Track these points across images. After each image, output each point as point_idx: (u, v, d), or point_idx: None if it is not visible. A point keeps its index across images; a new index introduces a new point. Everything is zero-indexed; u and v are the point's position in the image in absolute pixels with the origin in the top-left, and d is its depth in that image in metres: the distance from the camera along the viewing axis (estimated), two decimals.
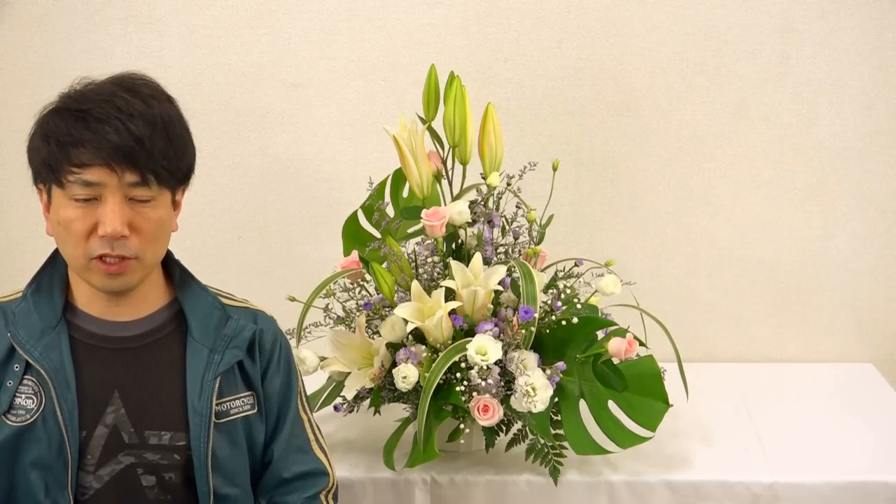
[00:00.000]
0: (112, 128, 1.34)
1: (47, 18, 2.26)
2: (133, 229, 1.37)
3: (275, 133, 2.31)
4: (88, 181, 1.35)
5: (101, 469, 1.42)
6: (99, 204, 1.36)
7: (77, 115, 1.35)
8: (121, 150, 1.34)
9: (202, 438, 1.44)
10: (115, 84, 1.40)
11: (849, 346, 2.36)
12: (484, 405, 1.67)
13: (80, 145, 1.34)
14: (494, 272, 1.73)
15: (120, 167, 1.34)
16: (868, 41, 2.20)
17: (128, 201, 1.37)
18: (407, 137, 1.81)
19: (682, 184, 2.30)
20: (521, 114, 2.26)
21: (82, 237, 1.37)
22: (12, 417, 1.39)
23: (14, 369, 1.41)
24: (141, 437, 1.43)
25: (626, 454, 1.78)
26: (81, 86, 1.41)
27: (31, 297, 1.45)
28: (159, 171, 1.37)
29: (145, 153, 1.35)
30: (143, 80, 1.42)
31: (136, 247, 1.38)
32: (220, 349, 1.48)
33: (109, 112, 1.35)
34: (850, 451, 1.88)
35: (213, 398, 1.45)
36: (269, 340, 1.54)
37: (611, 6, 2.21)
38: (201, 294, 1.51)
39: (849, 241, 2.31)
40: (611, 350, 1.71)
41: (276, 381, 1.54)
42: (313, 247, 2.34)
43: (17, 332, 1.42)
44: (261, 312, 1.57)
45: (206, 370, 1.46)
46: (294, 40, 2.26)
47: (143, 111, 1.36)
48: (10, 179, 2.32)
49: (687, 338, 2.05)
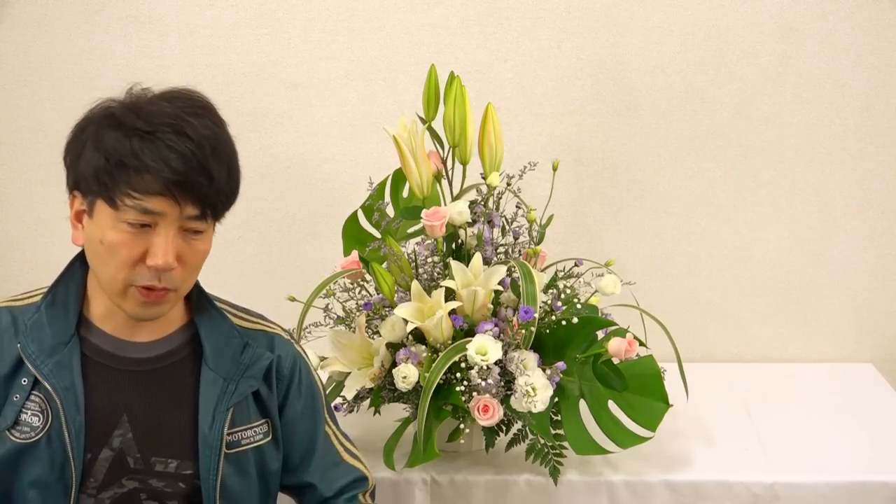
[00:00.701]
0: (181, 158, 1.28)
1: (47, 18, 2.26)
2: (179, 261, 1.33)
3: (275, 133, 2.31)
4: (148, 209, 1.28)
5: (104, 493, 1.38)
6: (151, 231, 1.30)
7: (141, 134, 1.28)
8: (188, 182, 1.28)
9: (212, 469, 1.40)
10: (177, 104, 1.32)
11: (849, 346, 2.36)
12: (484, 405, 1.67)
13: (145, 171, 1.27)
14: (494, 272, 1.73)
15: (183, 199, 1.29)
16: (868, 41, 2.20)
17: (180, 232, 1.32)
18: (407, 137, 1.81)
19: (682, 184, 2.30)
20: (521, 114, 2.26)
21: (128, 264, 1.31)
22: (16, 433, 1.35)
23: (21, 383, 1.35)
24: (146, 463, 1.39)
25: (626, 454, 1.78)
26: (137, 96, 1.34)
27: (46, 310, 1.38)
28: (218, 205, 1.34)
29: (212, 187, 1.30)
30: (201, 100, 1.36)
31: (178, 278, 1.33)
32: (236, 378, 1.43)
33: (178, 141, 1.28)
34: (850, 451, 1.88)
35: (224, 429, 1.41)
36: (288, 366, 1.50)
37: (611, 6, 2.21)
38: (219, 319, 1.46)
39: (849, 241, 2.31)
40: (611, 350, 1.71)
41: (297, 406, 1.51)
42: (313, 247, 2.34)
43: (28, 345, 1.36)
44: (277, 336, 1.52)
45: (219, 401, 1.41)
46: (294, 40, 2.26)
47: (211, 142, 1.31)
48: (10, 179, 2.32)
49: (687, 338, 2.05)
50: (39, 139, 2.30)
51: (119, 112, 1.31)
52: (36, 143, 2.30)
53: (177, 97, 1.34)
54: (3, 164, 2.32)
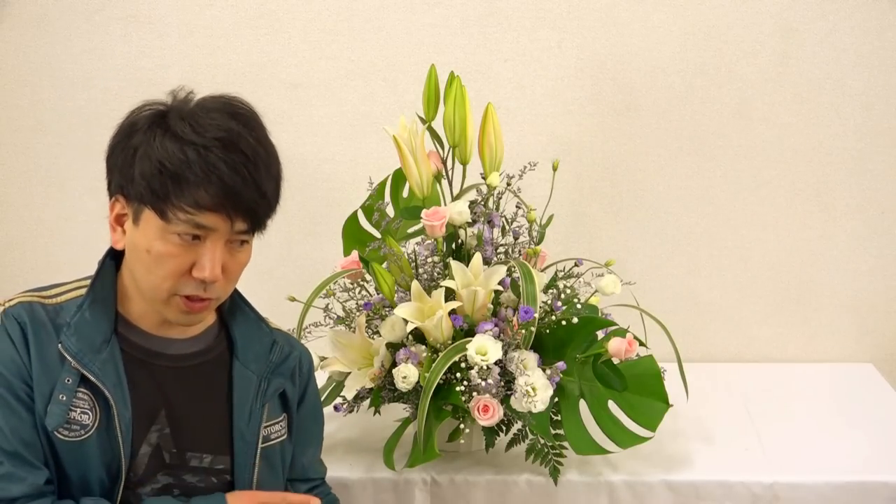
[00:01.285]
0: (239, 176, 1.28)
1: (47, 18, 2.26)
2: (224, 272, 1.33)
3: (275, 133, 2.25)
4: (200, 224, 1.29)
5: (141, 488, 1.38)
6: (200, 244, 1.31)
7: (194, 147, 1.27)
8: (243, 201, 1.29)
9: (248, 465, 1.42)
10: (228, 113, 1.32)
11: (849, 346, 2.36)
12: (484, 405, 1.67)
13: (200, 187, 1.27)
14: (494, 272, 1.73)
15: (235, 215, 1.30)
16: (868, 41, 2.21)
17: (227, 244, 1.33)
18: (407, 137, 1.81)
19: (682, 184, 2.30)
20: (521, 114, 2.26)
21: (175, 275, 1.31)
22: (65, 432, 1.33)
23: (66, 382, 1.33)
24: (182, 459, 1.40)
25: (626, 454, 1.77)
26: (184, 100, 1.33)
27: (88, 308, 1.36)
28: (265, 218, 1.35)
29: (263, 203, 1.32)
30: (250, 111, 1.36)
31: (221, 289, 1.35)
32: (267, 375, 1.46)
33: (235, 158, 1.28)
34: (850, 451, 1.88)
35: (261, 424, 1.44)
36: (307, 366, 1.55)
37: (611, 6, 2.21)
38: (250, 316, 1.49)
39: (849, 241, 2.31)
40: (611, 350, 1.71)
41: (309, 404, 1.55)
42: (313, 247, 2.34)
43: (71, 344, 1.33)
44: (293, 338, 1.57)
45: (255, 397, 1.44)
46: (294, 40, 2.26)
47: (264, 159, 1.32)
48: (10, 179, 2.32)
49: (687, 338, 2.05)
50: (39, 139, 2.30)
51: (172, 120, 1.30)
52: (36, 143, 2.30)
53: (228, 106, 1.34)
54: (3, 164, 2.32)
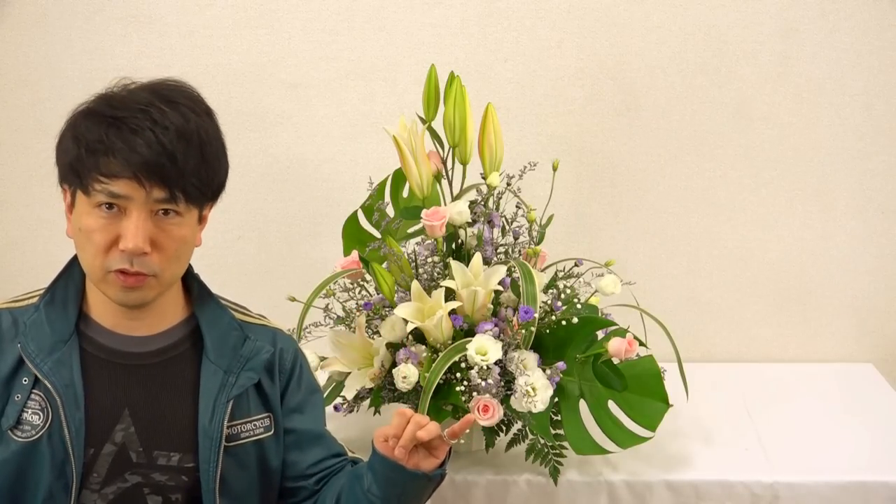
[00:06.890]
0: (144, 140, 1.29)
1: (47, 18, 2.26)
2: (155, 246, 1.33)
3: (275, 133, 2.31)
4: (114, 193, 1.30)
5: (107, 488, 1.38)
6: (123, 216, 1.31)
7: (110, 121, 1.30)
8: (151, 164, 1.29)
9: (211, 462, 1.41)
10: (152, 92, 1.34)
11: (849, 346, 2.36)
12: (484, 405, 1.67)
13: (109, 154, 1.29)
14: (494, 272, 1.73)
15: (149, 182, 1.30)
16: (868, 41, 2.20)
17: (153, 216, 1.32)
18: (407, 137, 1.81)
19: (682, 184, 2.30)
20: (521, 114, 2.26)
21: (102, 248, 1.32)
22: (18, 433, 1.35)
23: (23, 382, 1.36)
24: (149, 457, 1.39)
25: (626, 454, 1.78)
26: (119, 88, 1.36)
27: (44, 308, 1.39)
28: (189, 188, 1.32)
29: (177, 170, 1.30)
30: (182, 89, 1.37)
31: (155, 264, 1.33)
32: (236, 371, 1.44)
33: (144, 123, 1.29)
34: (850, 451, 1.88)
35: (224, 422, 1.42)
36: (290, 359, 1.52)
37: (611, 6, 2.21)
38: (219, 312, 1.48)
39: (849, 241, 2.31)
40: (611, 350, 1.71)
41: (297, 397, 1.52)
42: (313, 247, 2.34)
43: (28, 345, 1.36)
44: (279, 331, 1.53)
45: (219, 393, 1.42)
46: (294, 40, 2.26)
47: (179, 125, 1.31)
48: (10, 179, 2.32)
49: (687, 338, 2.05)
50: (39, 139, 2.30)
51: (97, 103, 1.34)
52: (36, 143, 2.29)
53: (156, 87, 1.36)
54: (3, 164, 2.32)
